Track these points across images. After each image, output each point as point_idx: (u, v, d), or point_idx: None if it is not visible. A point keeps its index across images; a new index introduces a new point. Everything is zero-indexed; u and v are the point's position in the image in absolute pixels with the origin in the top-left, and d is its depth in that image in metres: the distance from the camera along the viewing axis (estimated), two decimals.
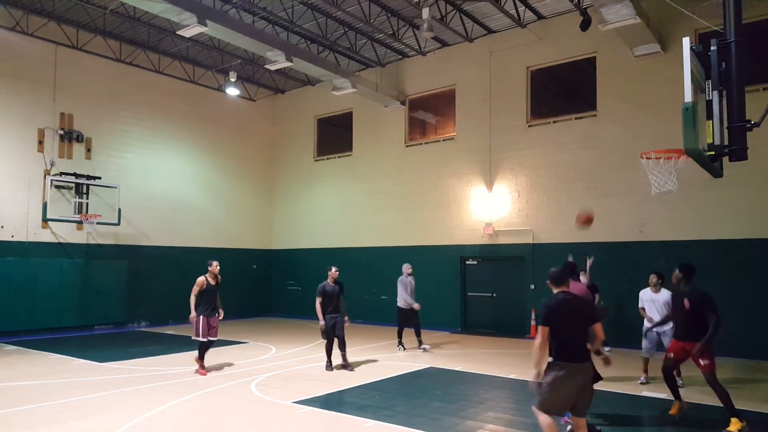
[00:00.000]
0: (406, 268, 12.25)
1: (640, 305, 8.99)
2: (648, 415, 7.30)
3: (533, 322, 13.90)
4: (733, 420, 6.40)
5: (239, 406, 7.26)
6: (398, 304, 12.00)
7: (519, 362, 10.49)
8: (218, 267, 9.44)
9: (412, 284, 12.09)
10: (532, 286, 14.39)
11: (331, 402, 7.57)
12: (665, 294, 8.51)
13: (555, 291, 5.01)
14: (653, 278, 8.77)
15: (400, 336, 12.12)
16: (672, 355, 6.96)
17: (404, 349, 11.92)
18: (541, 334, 4.79)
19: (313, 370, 9.81)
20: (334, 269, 9.95)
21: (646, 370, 8.76)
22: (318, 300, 9.65)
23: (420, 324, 12.06)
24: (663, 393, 8.06)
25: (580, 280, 7.41)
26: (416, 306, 11.90)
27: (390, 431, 6.24)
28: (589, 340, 4.99)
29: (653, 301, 8.70)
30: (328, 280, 9.84)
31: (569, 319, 4.81)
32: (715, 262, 11.86)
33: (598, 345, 5.02)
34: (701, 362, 6.64)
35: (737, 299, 11.51)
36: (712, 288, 11.49)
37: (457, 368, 9.99)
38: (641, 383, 8.66)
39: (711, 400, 7.51)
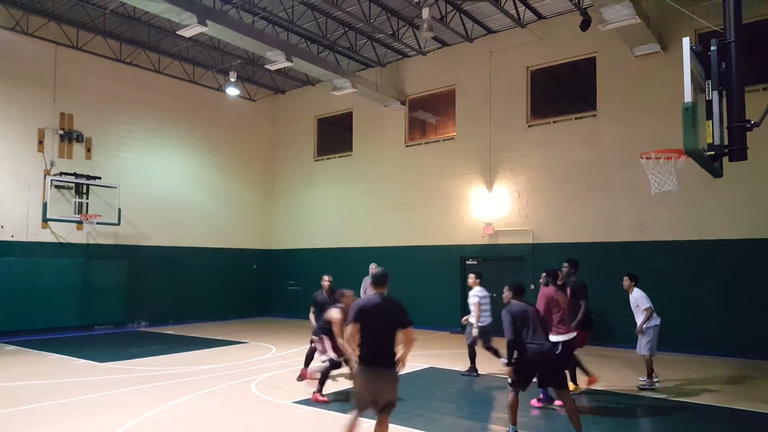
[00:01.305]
0: (372, 267, 12.42)
1: None
2: (646, 413, 7.30)
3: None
4: (570, 385, 7.42)
5: (239, 406, 7.26)
6: None
7: None
8: (329, 282, 9.52)
9: None
10: (532, 286, 14.36)
11: (331, 402, 7.57)
12: (636, 293, 8.50)
13: (374, 292, 5.18)
14: (626, 280, 8.63)
15: None
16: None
17: None
18: (345, 331, 5.08)
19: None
20: (326, 278, 9.89)
21: (650, 373, 8.36)
22: (312, 309, 9.62)
23: None
24: (662, 393, 8.07)
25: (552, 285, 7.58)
26: None
27: (390, 431, 6.24)
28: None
29: (635, 307, 8.50)
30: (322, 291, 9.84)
31: (377, 320, 4.96)
32: (715, 262, 11.88)
33: (407, 351, 5.15)
34: None
35: (737, 299, 11.53)
36: (711, 287, 11.76)
37: (457, 368, 9.97)
38: (650, 386, 8.27)
39: (703, 399, 7.50)
